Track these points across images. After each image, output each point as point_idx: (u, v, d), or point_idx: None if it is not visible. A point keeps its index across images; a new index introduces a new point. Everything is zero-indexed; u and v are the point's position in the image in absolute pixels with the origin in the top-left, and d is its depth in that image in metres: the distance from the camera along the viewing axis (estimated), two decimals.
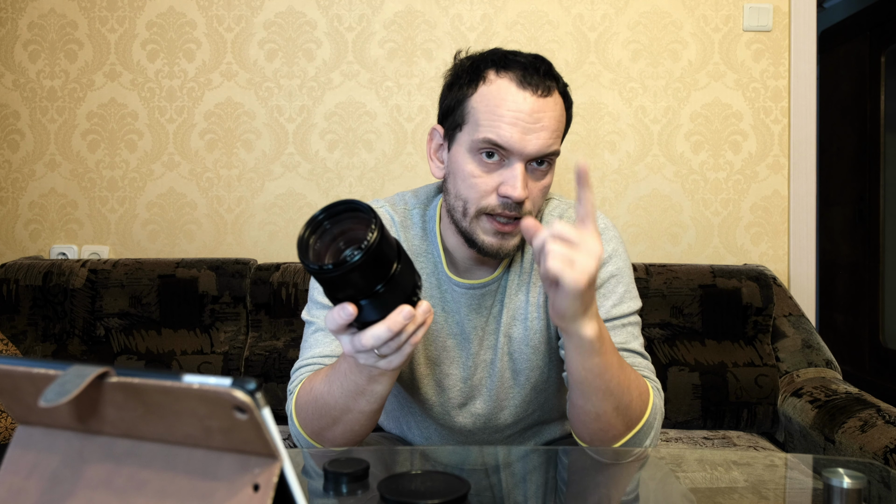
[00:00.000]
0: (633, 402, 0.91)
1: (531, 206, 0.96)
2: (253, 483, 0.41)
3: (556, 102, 0.96)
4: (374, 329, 0.74)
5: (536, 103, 0.93)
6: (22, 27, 2.05)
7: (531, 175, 0.95)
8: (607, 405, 0.89)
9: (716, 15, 1.98)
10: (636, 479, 0.91)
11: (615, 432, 0.92)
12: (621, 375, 0.89)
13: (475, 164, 0.95)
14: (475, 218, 0.96)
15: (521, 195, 0.92)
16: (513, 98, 0.93)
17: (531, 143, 0.93)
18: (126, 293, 1.77)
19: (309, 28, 2.01)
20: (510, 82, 0.94)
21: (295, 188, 2.02)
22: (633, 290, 1.05)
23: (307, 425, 0.94)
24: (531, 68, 0.95)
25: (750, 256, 1.99)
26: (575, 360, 0.87)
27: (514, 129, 0.92)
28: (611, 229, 1.07)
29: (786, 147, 1.98)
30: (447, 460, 0.98)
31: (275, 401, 1.67)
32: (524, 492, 0.84)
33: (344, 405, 0.88)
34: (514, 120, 0.92)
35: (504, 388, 1.08)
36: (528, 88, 0.94)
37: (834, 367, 1.70)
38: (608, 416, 0.90)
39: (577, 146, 1.99)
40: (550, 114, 0.94)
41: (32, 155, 2.06)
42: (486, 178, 0.95)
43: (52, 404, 0.40)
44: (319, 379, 0.92)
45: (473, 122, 0.95)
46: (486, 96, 0.95)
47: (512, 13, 1.99)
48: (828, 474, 0.69)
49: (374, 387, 0.85)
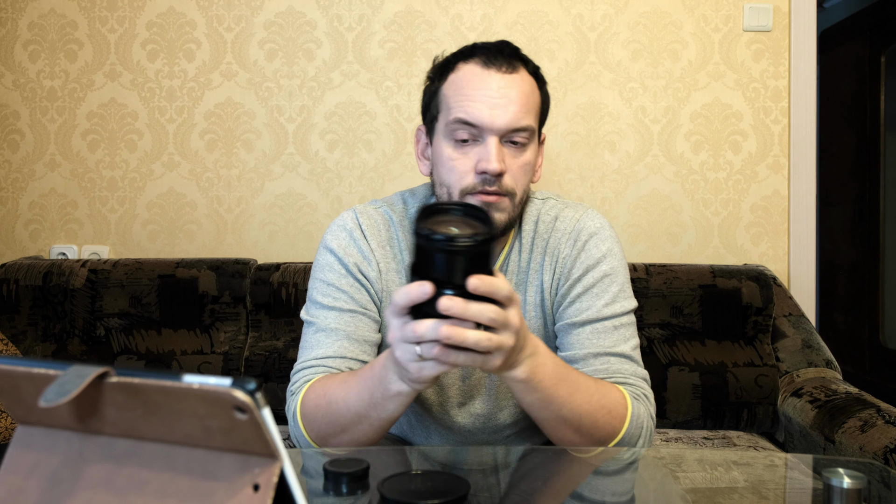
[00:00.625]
0: (598, 423, 0.91)
1: (512, 181, 0.98)
2: (253, 483, 0.41)
3: (523, 79, 0.99)
4: (435, 322, 0.71)
5: (502, 80, 0.97)
6: (22, 27, 2.05)
7: (508, 151, 0.98)
8: (563, 429, 0.90)
9: (716, 15, 1.98)
10: (633, 480, 0.91)
11: (587, 448, 0.93)
12: (573, 401, 0.88)
13: (452, 148, 0.98)
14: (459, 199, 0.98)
15: (496, 167, 0.94)
16: (479, 78, 0.97)
17: (500, 117, 0.95)
18: (126, 293, 1.77)
19: (309, 28, 2.01)
20: (475, 65, 0.99)
21: (295, 188, 2.02)
22: (627, 290, 1.05)
23: (313, 429, 0.93)
24: (494, 50, 0.99)
25: (750, 256, 1.99)
26: (515, 395, 0.88)
27: (483, 106, 0.95)
28: (606, 229, 1.07)
29: (786, 147, 1.98)
30: (447, 460, 0.98)
31: (275, 401, 1.67)
32: (524, 492, 0.84)
33: (356, 415, 0.88)
34: (481, 97, 0.96)
35: (503, 387, 1.08)
36: (493, 67, 0.98)
37: (834, 367, 1.70)
38: (568, 436, 0.91)
39: (577, 146, 1.99)
40: (518, 89, 0.97)
41: (32, 155, 2.06)
42: (464, 158, 0.97)
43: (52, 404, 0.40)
44: (336, 383, 0.92)
45: (446, 108, 0.99)
46: (455, 82, 0.99)
47: (512, 13, 1.99)
48: (828, 474, 0.69)
49: (389, 404, 0.85)
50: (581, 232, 1.06)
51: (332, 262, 1.05)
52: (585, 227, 1.06)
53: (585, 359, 1.00)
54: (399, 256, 1.07)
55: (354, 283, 1.04)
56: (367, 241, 1.06)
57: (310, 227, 2.02)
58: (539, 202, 1.11)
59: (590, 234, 1.06)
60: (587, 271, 1.04)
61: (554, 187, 1.99)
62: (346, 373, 0.95)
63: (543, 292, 1.06)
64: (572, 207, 1.09)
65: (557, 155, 1.99)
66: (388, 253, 1.07)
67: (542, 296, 1.06)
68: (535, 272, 1.07)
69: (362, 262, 1.05)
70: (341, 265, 1.05)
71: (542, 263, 1.07)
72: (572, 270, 1.04)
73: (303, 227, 2.03)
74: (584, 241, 1.05)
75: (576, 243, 1.05)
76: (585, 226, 1.06)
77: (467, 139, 0.97)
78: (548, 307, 1.06)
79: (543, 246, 1.07)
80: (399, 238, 1.08)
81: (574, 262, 1.05)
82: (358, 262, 1.05)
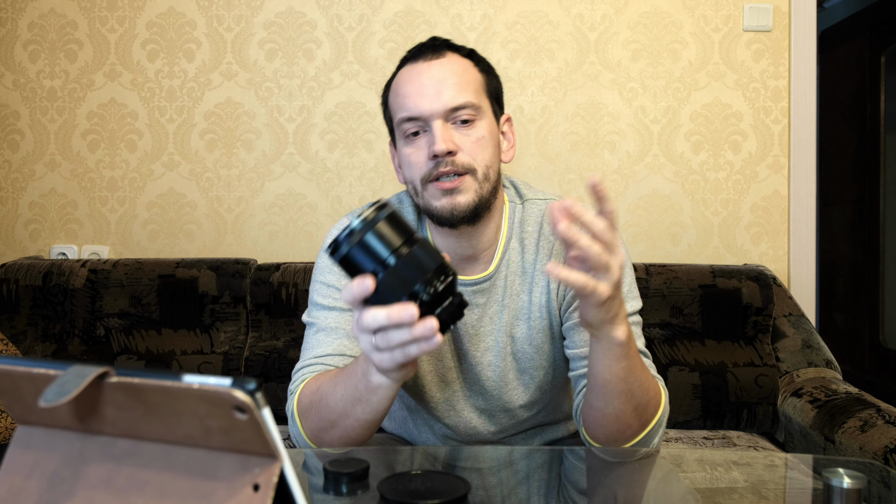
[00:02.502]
0: (650, 402, 0.92)
1: (468, 157, 0.99)
2: (253, 483, 0.41)
3: (452, 61, 1.02)
4: (375, 311, 0.72)
5: (430, 67, 1.01)
6: (22, 27, 2.05)
7: (457, 131, 0.99)
8: (628, 407, 0.90)
9: (716, 15, 1.98)
10: (637, 478, 0.91)
11: (630, 432, 0.93)
12: (642, 377, 0.90)
13: (407, 145, 1.02)
14: (424, 190, 1.00)
15: (443, 147, 0.96)
16: (408, 74, 1.02)
17: (432, 100, 0.98)
18: (126, 293, 1.77)
19: (309, 28, 2.01)
20: (407, 66, 1.04)
21: (295, 188, 2.02)
22: (634, 290, 1.06)
23: (308, 425, 0.94)
24: (420, 46, 1.04)
25: (750, 256, 1.99)
26: (601, 364, 0.87)
27: (416, 97, 0.99)
28: None
29: (786, 147, 1.98)
30: (447, 460, 0.98)
31: (275, 401, 1.67)
32: (524, 492, 0.84)
33: (343, 410, 0.89)
34: (415, 90, 1.00)
35: (508, 388, 1.08)
36: (419, 60, 1.02)
37: (834, 367, 1.70)
38: (627, 416, 0.91)
39: (577, 146, 1.99)
40: (447, 70, 1.00)
41: (32, 155, 2.06)
42: (418, 151, 1.00)
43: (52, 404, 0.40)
44: (327, 378, 0.93)
45: (394, 113, 1.04)
46: (394, 88, 1.04)
47: (512, 13, 1.99)
48: (828, 474, 0.69)
49: (372, 397, 0.85)
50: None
51: (332, 264, 1.05)
52: None
53: None
54: None
55: None
56: None
57: (310, 227, 2.02)
58: (541, 202, 1.11)
59: None
60: None
61: (554, 187, 1.99)
62: (339, 368, 0.95)
63: (550, 293, 1.07)
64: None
65: (557, 155, 1.99)
66: None
67: (548, 296, 1.06)
68: (541, 273, 1.07)
69: None
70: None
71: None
72: None
73: (303, 227, 2.03)
74: None
75: None
76: None
77: (417, 132, 1.00)
78: (554, 308, 1.07)
79: (549, 248, 1.07)
80: None
81: None
82: None
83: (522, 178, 1.97)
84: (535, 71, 1.99)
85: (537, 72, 1.99)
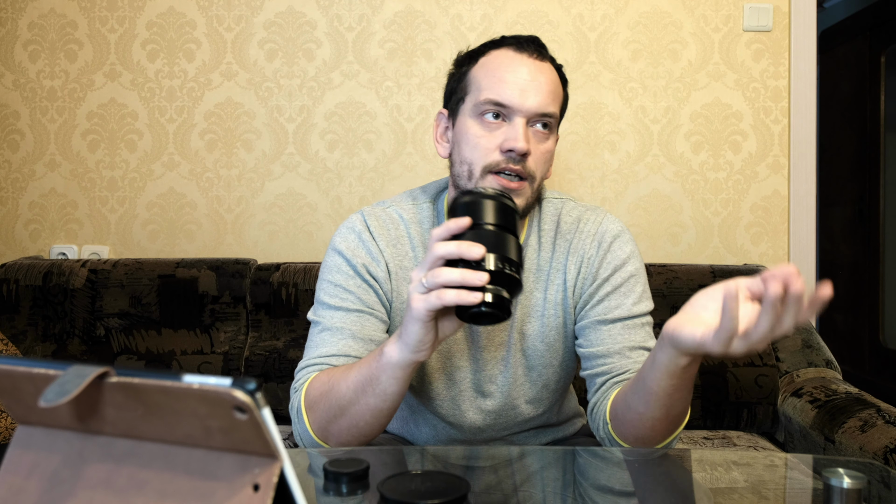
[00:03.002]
0: (681, 413, 0.93)
1: (534, 165, 1.00)
2: (253, 483, 0.41)
3: (550, 69, 1.03)
4: (450, 242, 0.81)
5: (533, 65, 1.01)
6: (22, 27, 2.05)
7: (533, 136, 1.00)
8: (665, 416, 0.91)
9: (716, 15, 1.98)
10: (639, 477, 0.91)
11: (660, 437, 0.95)
12: (686, 393, 0.90)
13: (479, 126, 1.00)
14: (481, 178, 0.99)
15: (524, 146, 0.96)
16: (510, 61, 1.01)
17: (530, 99, 0.98)
18: (126, 293, 1.77)
19: (309, 28, 2.01)
20: (507, 50, 1.02)
21: (295, 188, 2.02)
22: (647, 291, 1.09)
23: (315, 419, 0.95)
24: (525, 39, 1.03)
25: (750, 256, 1.98)
26: (658, 373, 0.86)
27: (514, 87, 0.98)
28: (626, 232, 1.11)
29: (786, 147, 1.98)
30: (447, 460, 0.98)
31: (275, 401, 1.67)
32: (524, 492, 0.84)
33: (353, 395, 0.90)
34: (513, 79, 0.99)
35: (517, 384, 1.09)
36: (524, 52, 1.01)
37: (834, 367, 1.70)
38: (661, 424, 0.92)
39: (577, 146, 1.99)
40: (547, 76, 1.01)
41: (32, 155, 2.06)
42: (490, 136, 0.99)
43: (52, 404, 0.40)
44: (340, 369, 0.95)
45: (476, 89, 1.01)
46: (486, 65, 1.02)
47: (512, 13, 1.99)
48: (828, 474, 0.69)
49: (382, 375, 0.88)
50: (605, 234, 1.09)
51: (340, 263, 1.06)
52: (609, 229, 1.09)
53: (621, 352, 1.02)
54: (411, 254, 1.08)
55: (362, 284, 1.04)
56: (376, 241, 1.07)
57: (310, 227, 2.02)
58: (558, 202, 1.12)
59: (614, 237, 1.09)
60: (615, 271, 1.07)
61: (554, 187, 1.99)
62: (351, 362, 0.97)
63: (566, 290, 1.08)
64: (592, 210, 1.12)
65: (557, 155, 1.99)
66: (398, 251, 1.08)
67: (564, 294, 1.08)
68: (558, 271, 1.08)
69: (370, 262, 1.06)
70: (349, 266, 1.05)
71: (566, 263, 1.09)
72: (599, 270, 1.07)
73: (303, 227, 2.03)
74: (609, 242, 1.08)
75: (601, 245, 1.08)
76: (608, 228, 1.10)
77: (495, 119, 0.99)
78: (569, 305, 1.08)
79: (567, 246, 1.09)
80: (411, 234, 1.09)
81: (601, 262, 1.07)
82: (366, 263, 1.05)
83: None
84: None
85: None
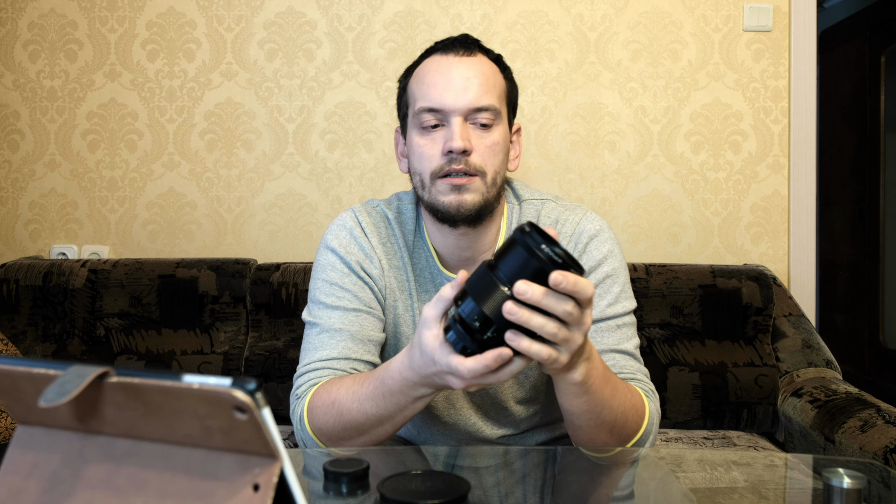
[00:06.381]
0: (627, 423, 0.91)
1: (480, 160, 0.99)
2: (253, 483, 0.41)
3: (482, 62, 1.02)
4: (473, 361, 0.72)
5: (460, 63, 1.00)
6: (22, 27, 2.05)
7: (475, 132, 1.00)
8: (600, 430, 0.90)
9: (716, 15, 1.98)
10: (634, 478, 0.91)
11: (611, 446, 0.93)
12: (613, 403, 0.88)
13: (421, 136, 1.01)
14: (432, 185, 1.00)
15: (460, 145, 0.96)
16: (437, 65, 1.01)
17: (460, 97, 0.98)
18: (126, 293, 1.77)
19: (309, 28, 2.01)
20: (436, 56, 1.03)
21: (295, 188, 2.02)
22: (627, 291, 1.06)
23: (324, 434, 0.93)
24: (452, 41, 1.04)
25: (750, 256, 1.99)
26: (562, 397, 0.87)
27: (443, 89, 0.99)
28: (606, 231, 1.08)
29: (786, 147, 1.98)
30: (447, 460, 0.98)
31: (275, 401, 1.67)
32: (524, 491, 0.84)
33: (377, 420, 0.89)
34: (442, 82, 0.99)
35: (505, 385, 1.08)
36: (450, 53, 1.02)
37: (834, 367, 1.70)
38: (601, 437, 0.91)
39: (577, 146, 1.99)
40: (476, 69, 1.00)
41: (32, 155, 2.06)
42: (433, 144, 1.00)
43: (52, 404, 0.40)
44: (344, 392, 0.91)
45: (413, 101, 1.03)
46: (418, 75, 1.04)
47: (512, 13, 1.99)
48: (828, 474, 0.69)
49: (417, 404, 0.87)
50: (582, 234, 1.06)
51: (335, 261, 1.05)
52: (586, 229, 1.07)
53: None
54: (398, 254, 1.08)
55: (358, 282, 1.04)
56: (368, 238, 1.07)
57: (310, 227, 2.02)
58: (538, 203, 1.11)
59: (590, 237, 1.06)
60: (589, 273, 1.04)
61: (554, 187, 1.99)
62: (351, 377, 0.94)
63: None
64: (571, 210, 1.09)
65: (557, 155, 1.99)
66: (388, 250, 1.08)
67: None
68: None
69: (364, 259, 1.06)
70: (343, 264, 1.05)
71: None
72: None
73: (303, 227, 2.03)
74: (585, 243, 1.06)
75: (577, 245, 1.06)
76: (585, 228, 1.07)
77: (434, 125, 1.00)
78: None
79: None
80: (396, 235, 1.09)
81: None
82: (360, 260, 1.05)
83: (522, 178, 1.97)
84: (535, 71, 1.99)
85: (537, 72, 1.99)
